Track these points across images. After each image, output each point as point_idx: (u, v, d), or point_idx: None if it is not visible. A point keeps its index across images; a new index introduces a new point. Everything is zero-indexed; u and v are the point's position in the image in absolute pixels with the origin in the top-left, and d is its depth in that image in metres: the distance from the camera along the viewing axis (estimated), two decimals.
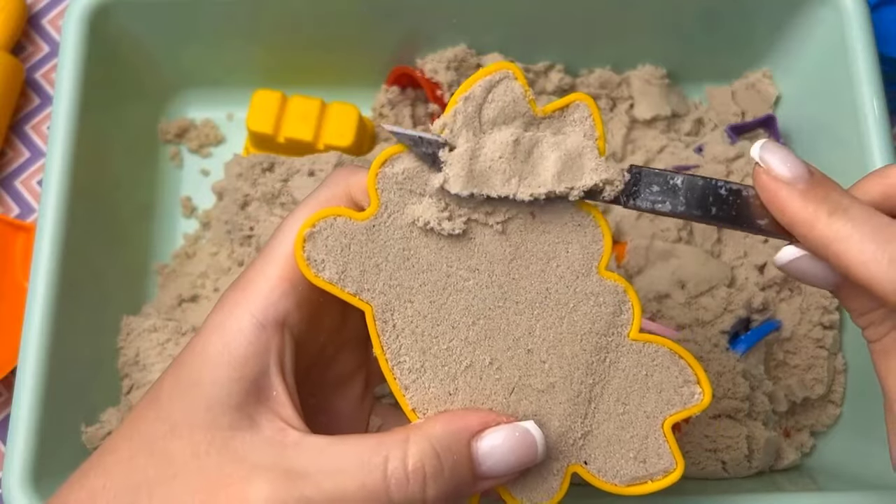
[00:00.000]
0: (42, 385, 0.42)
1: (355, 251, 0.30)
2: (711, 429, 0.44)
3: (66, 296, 0.44)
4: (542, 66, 0.53)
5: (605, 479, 0.32)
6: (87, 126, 0.47)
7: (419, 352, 0.31)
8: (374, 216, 0.30)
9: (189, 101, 0.56)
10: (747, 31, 0.53)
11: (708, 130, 0.55)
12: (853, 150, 0.47)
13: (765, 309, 0.48)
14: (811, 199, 0.28)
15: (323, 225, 0.30)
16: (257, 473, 0.27)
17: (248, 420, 0.29)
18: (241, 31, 0.52)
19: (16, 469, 0.40)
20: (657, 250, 0.49)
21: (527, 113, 0.31)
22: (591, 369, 0.32)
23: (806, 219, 0.28)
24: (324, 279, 0.30)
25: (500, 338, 0.32)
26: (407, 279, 0.31)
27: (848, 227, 0.27)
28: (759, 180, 0.29)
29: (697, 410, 0.32)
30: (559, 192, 0.31)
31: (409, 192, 0.30)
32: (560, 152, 0.31)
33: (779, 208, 0.29)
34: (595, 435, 0.32)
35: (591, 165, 0.31)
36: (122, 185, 0.51)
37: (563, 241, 0.32)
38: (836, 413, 0.48)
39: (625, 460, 0.32)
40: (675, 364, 0.32)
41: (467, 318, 0.31)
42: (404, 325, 0.31)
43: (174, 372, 0.30)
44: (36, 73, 0.58)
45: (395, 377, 0.31)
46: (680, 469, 0.32)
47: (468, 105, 0.30)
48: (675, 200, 0.30)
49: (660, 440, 0.32)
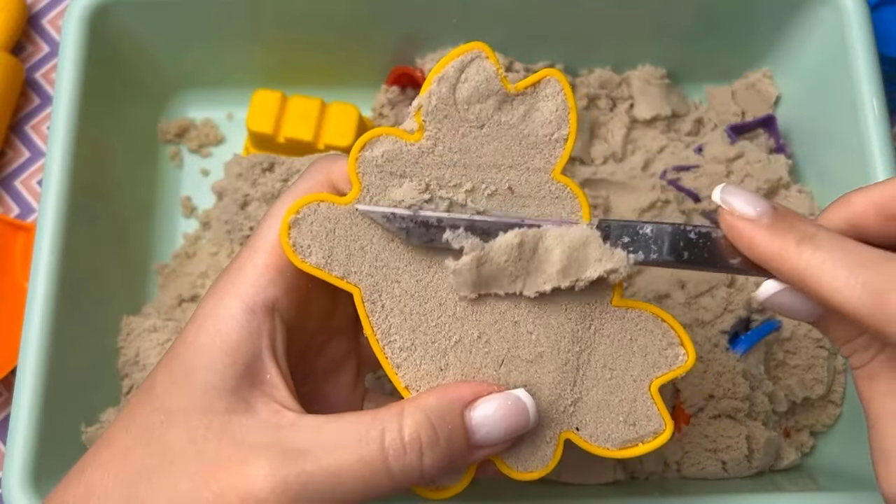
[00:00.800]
0: (42, 385, 0.42)
1: (340, 235, 0.31)
2: (711, 429, 0.44)
3: (66, 296, 0.44)
4: (542, 66, 0.53)
5: (597, 443, 0.33)
6: (87, 126, 0.47)
7: (409, 330, 0.32)
8: (356, 200, 0.31)
9: (189, 101, 0.56)
10: (747, 31, 0.53)
11: (708, 130, 0.54)
12: (853, 150, 0.47)
13: (765, 309, 0.48)
14: (777, 232, 0.28)
15: (307, 211, 0.31)
16: (256, 453, 0.28)
17: (244, 403, 0.29)
18: (241, 32, 0.52)
19: (16, 469, 0.40)
20: None
21: (499, 91, 0.32)
22: (576, 337, 0.33)
23: (775, 252, 0.28)
24: (310, 264, 0.31)
25: (487, 312, 0.32)
26: (392, 260, 0.31)
27: (817, 254, 0.28)
28: (725, 222, 0.30)
29: (682, 371, 0.33)
30: (564, 286, 0.32)
31: (388, 174, 0.31)
32: (564, 245, 0.31)
33: (747, 246, 0.29)
34: (585, 401, 0.33)
35: (595, 255, 0.32)
36: (122, 185, 0.51)
37: (542, 214, 0.32)
38: (836, 413, 0.48)
39: (615, 424, 0.33)
40: (659, 327, 0.33)
41: (453, 294, 0.32)
42: (393, 305, 0.32)
43: (167, 363, 0.30)
44: (36, 73, 0.58)
45: (386, 356, 0.32)
46: (669, 429, 0.33)
47: (442, 86, 0.31)
48: (647, 249, 0.31)
49: (648, 402, 0.33)
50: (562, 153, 0.32)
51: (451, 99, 0.31)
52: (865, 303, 0.26)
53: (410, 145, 0.31)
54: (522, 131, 0.32)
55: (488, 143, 0.32)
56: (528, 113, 0.32)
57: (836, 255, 0.27)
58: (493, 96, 0.32)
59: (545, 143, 0.32)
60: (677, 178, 0.51)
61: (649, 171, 0.52)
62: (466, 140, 0.32)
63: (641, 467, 0.45)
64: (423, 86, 0.31)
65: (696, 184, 0.51)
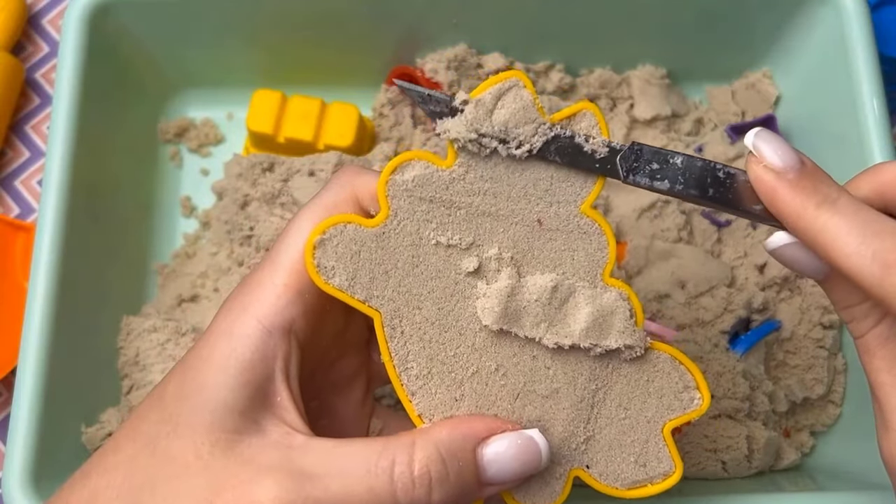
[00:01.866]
0: (42, 385, 0.42)
1: (365, 258, 0.31)
2: (711, 429, 0.44)
3: (66, 296, 0.44)
4: (542, 66, 0.53)
5: (606, 482, 0.33)
6: (87, 126, 0.47)
7: (426, 358, 0.31)
8: (383, 223, 0.31)
9: (189, 100, 0.56)
10: (747, 31, 0.53)
11: (708, 130, 0.55)
12: (853, 149, 0.47)
13: (765, 309, 0.48)
14: (800, 189, 0.28)
15: (333, 232, 0.30)
16: (264, 474, 0.27)
17: (254, 424, 0.29)
18: (242, 31, 0.52)
19: (16, 469, 0.40)
20: (657, 250, 0.49)
21: (536, 120, 0.31)
22: (594, 375, 0.32)
23: (793, 210, 0.28)
24: (334, 286, 0.30)
25: (507, 345, 0.32)
26: (416, 286, 0.31)
27: (835, 219, 0.27)
28: (751, 169, 0.29)
29: (696, 415, 0.33)
30: (583, 346, 0.32)
31: (418, 199, 0.31)
32: (593, 308, 0.32)
33: (768, 198, 0.29)
34: (597, 439, 0.33)
35: (619, 327, 0.32)
36: (121, 184, 0.51)
37: (569, 249, 0.32)
38: (836, 413, 0.48)
39: (626, 464, 0.33)
40: (676, 370, 0.33)
41: (474, 324, 0.31)
42: (412, 332, 0.31)
43: (179, 375, 0.30)
44: (36, 73, 0.58)
45: (402, 383, 0.31)
46: (679, 472, 0.33)
47: (478, 113, 0.30)
48: (674, 178, 0.31)
49: (660, 444, 0.33)
50: (593, 188, 0.32)
51: (488, 121, 0.31)
52: (874, 272, 0.26)
53: (442, 171, 0.31)
54: (554, 163, 0.31)
55: (521, 172, 0.31)
56: None
57: (853, 222, 0.27)
58: (529, 125, 0.31)
59: (577, 176, 0.32)
60: None
61: None
62: (498, 169, 0.31)
63: None
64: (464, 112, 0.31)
65: None
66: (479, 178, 0.31)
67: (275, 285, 0.30)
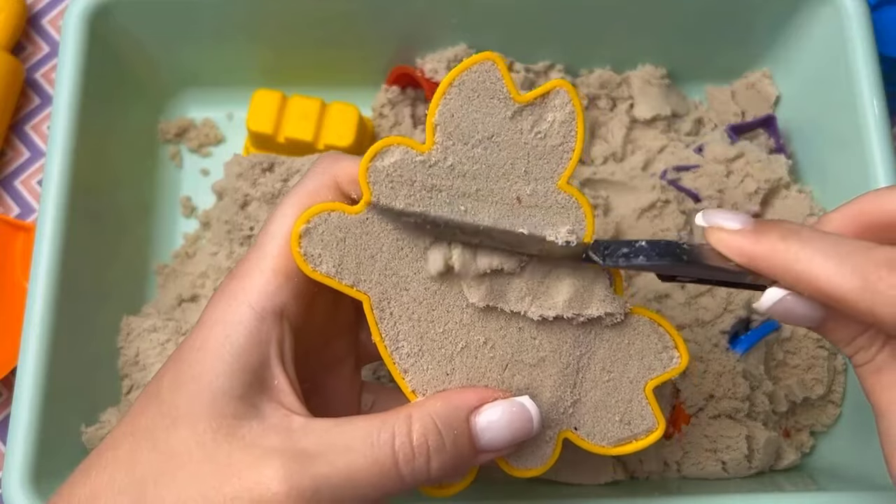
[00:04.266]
0: (42, 385, 0.42)
1: (350, 244, 0.31)
2: (711, 429, 0.44)
3: (66, 296, 0.44)
4: (542, 66, 0.53)
5: (593, 441, 0.34)
6: (87, 126, 0.47)
7: (417, 337, 0.32)
8: (366, 209, 0.31)
9: (189, 100, 0.56)
10: (747, 31, 0.53)
11: (708, 130, 0.54)
12: (853, 150, 0.47)
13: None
14: (762, 233, 0.29)
15: (318, 220, 0.31)
16: (267, 457, 0.28)
17: (253, 409, 0.29)
18: (241, 31, 0.52)
19: (16, 469, 0.40)
20: None
21: (509, 101, 0.32)
22: (578, 341, 0.34)
23: (764, 251, 0.29)
24: (321, 273, 0.31)
25: (493, 318, 0.33)
26: (402, 268, 0.32)
27: (805, 248, 0.28)
28: (713, 237, 0.30)
29: (676, 373, 0.35)
30: (566, 316, 0.33)
31: (399, 183, 0.31)
32: (574, 279, 0.33)
33: (738, 253, 0.30)
34: (583, 402, 0.34)
35: (600, 296, 0.33)
36: (121, 184, 0.51)
37: (549, 224, 0.33)
38: (836, 413, 0.48)
39: (611, 423, 0.34)
40: (655, 332, 0.35)
41: (461, 301, 0.32)
42: (401, 313, 0.32)
43: (174, 366, 0.30)
44: (36, 73, 0.58)
45: (394, 362, 0.32)
46: (661, 427, 0.35)
47: (452, 96, 0.32)
48: (647, 254, 0.32)
49: (643, 402, 0.35)
50: (568, 164, 0.33)
51: (462, 108, 0.32)
52: (856, 287, 0.27)
53: (421, 156, 0.32)
54: (531, 142, 0.32)
55: (497, 154, 0.32)
56: (536, 123, 0.32)
57: (823, 247, 0.28)
58: (503, 107, 0.32)
59: (553, 153, 0.33)
60: (677, 178, 0.51)
61: (649, 171, 0.52)
62: (476, 151, 0.32)
63: (641, 467, 0.45)
64: (434, 97, 0.32)
65: (697, 184, 0.51)
66: (459, 162, 0.32)
67: (263, 271, 0.31)
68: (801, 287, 0.29)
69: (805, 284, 0.28)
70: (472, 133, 0.32)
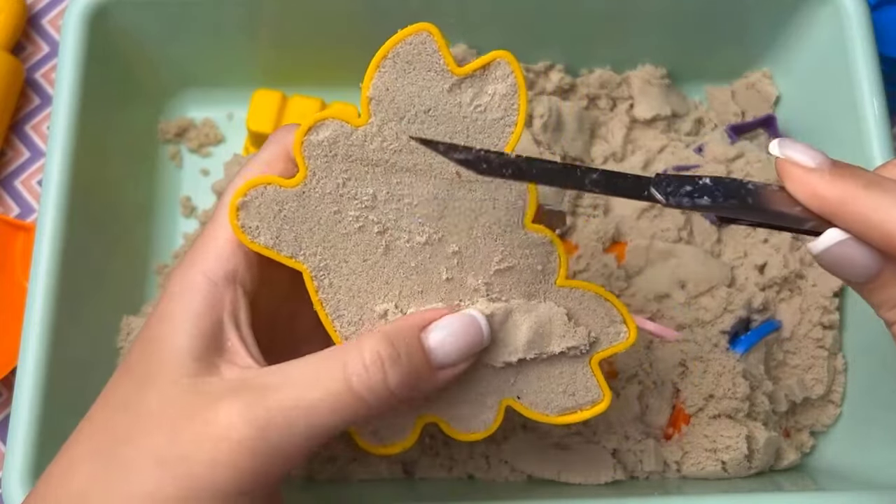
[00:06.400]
0: (42, 385, 0.42)
1: (287, 217, 0.32)
2: (711, 429, 0.44)
3: (66, 296, 0.44)
4: (542, 66, 0.53)
5: (536, 410, 0.35)
6: (87, 126, 0.47)
7: (357, 307, 0.33)
8: (302, 183, 0.32)
9: (189, 100, 0.56)
10: (747, 31, 0.53)
11: (708, 130, 0.54)
12: (853, 150, 0.47)
13: (765, 309, 0.47)
14: (840, 178, 0.28)
15: (254, 193, 0.31)
16: (224, 399, 0.29)
17: (212, 368, 0.30)
18: (241, 31, 0.52)
19: (16, 469, 0.40)
20: (657, 250, 0.49)
21: (446, 73, 0.32)
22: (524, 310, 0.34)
23: (840, 196, 0.28)
24: (260, 244, 0.32)
25: (433, 291, 0.33)
26: (340, 241, 0.32)
27: (885, 196, 0.27)
28: (786, 171, 0.29)
29: (623, 347, 0.35)
30: (529, 358, 0.33)
31: (333, 157, 0.32)
32: (531, 321, 0.33)
33: (810, 193, 0.28)
34: (526, 373, 0.34)
35: (559, 332, 0.33)
36: (121, 184, 0.51)
37: (489, 198, 0.33)
38: (836, 413, 0.48)
39: (555, 394, 0.34)
40: (602, 306, 0.34)
41: (400, 274, 0.33)
42: (340, 284, 0.32)
43: (140, 340, 0.32)
44: (36, 73, 0.58)
45: (336, 331, 0.33)
46: (607, 399, 0.35)
47: (387, 69, 0.32)
48: (711, 194, 0.30)
49: (587, 375, 0.35)
50: (510, 138, 0.32)
51: (397, 82, 0.32)
52: None
53: (356, 130, 0.32)
54: (470, 115, 0.32)
55: (435, 127, 0.32)
56: (476, 96, 0.32)
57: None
58: (441, 80, 0.32)
59: (493, 127, 0.32)
60: None
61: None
62: (413, 125, 0.32)
63: (641, 467, 0.45)
64: (368, 70, 0.32)
65: None
66: (395, 136, 0.32)
67: (216, 240, 0.32)
68: (873, 237, 0.27)
69: (878, 235, 0.27)
70: (408, 107, 0.32)
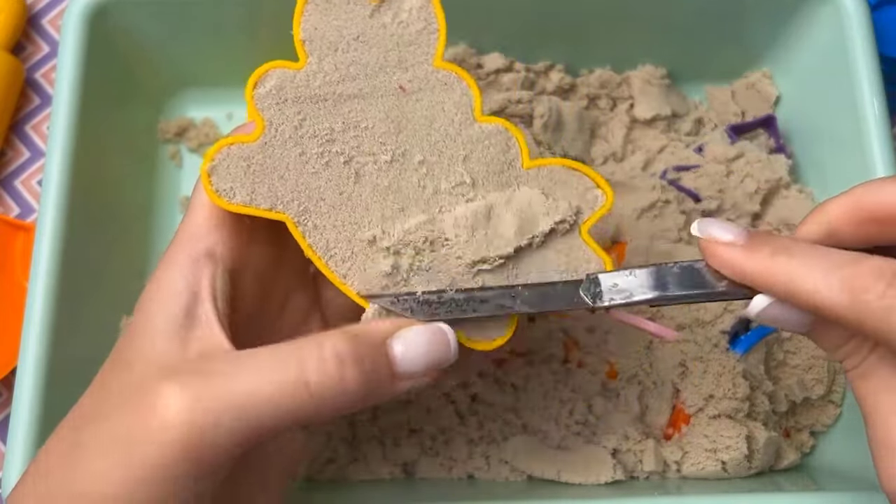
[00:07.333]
0: (42, 385, 0.42)
1: (257, 171, 0.33)
2: (711, 429, 0.44)
3: (66, 296, 0.44)
4: (542, 66, 0.53)
5: None
6: (87, 126, 0.47)
7: (345, 241, 0.33)
8: (262, 135, 0.33)
9: (189, 100, 0.56)
10: (747, 31, 0.53)
11: (708, 130, 0.54)
12: (853, 150, 0.47)
13: None
14: (754, 248, 0.30)
15: (220, 156, 0.32)
16: (170, 382, 0.28)
17: (181, 343, 0.30)
18: (241, 31, 0.52)
19: (16, 469, 0.40)
20: (657, 250, 0.49)
21: (363, 1, 0.34)
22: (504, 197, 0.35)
23: (754, 267, 0.30)
24: (237, 204, 0.32)
25: (412, 205, 0.34)
26: (312, 181, 0.33)
27: (793, 262, 0.29)
28: (706, 248, 0.32)
29: (605, 210, 0.35)
30: (523, 244, 0.34)
31: (284, 102, 0.33)
32: (513, 209, 0.34)
33: (728, 266, 0.31)
34: (525, 262, 0.35)
35: (542, 211, 0.34)
36: (121, 184, 0.51)
37: (437, 103, 0.34)
38: (836, 413, 0.48)
39: (557, 275, 0.35)
40: (573, 176, 0.35)
41: (377, 197, 0.34)
42: (324, 223, 0.33)
43: (129, 326, 0.32)
44: (36, 73, 0.58)
45: (332, 270, 0.33)
46: (608, 264, 0.35)
47: (311, 9, 0.34)
48: (636, 290, 0.32)
49: (583, 247, 0.35)
50: (437, 43, 0.35)
51: (323, 20, 0.34)
52: (843, 301, 0.28)
53: (298, 72, 0.33)
54: (396, 31, 0.34)
55: (368, 51, 0.34)
56: (396, 14, 0.34)
57: (811, 261, 0.29)
58: (361, 8, 0.34)
59: (420, 37, 0.35)
60: (677, 178, 0.51)
61: (649, 171, 0.52)
62: (347, 55, 0.34)
63: (641, 467, 0.45)
64: (294, 17, 0.33)
65: (697, 184, 0.51)
66: (334, 68, 0.34)
67: (196, 220, 0.33)
68: (791, 301, 0.30)
69: (795, 299, 0.29)
70: (338, 39, 0.34)
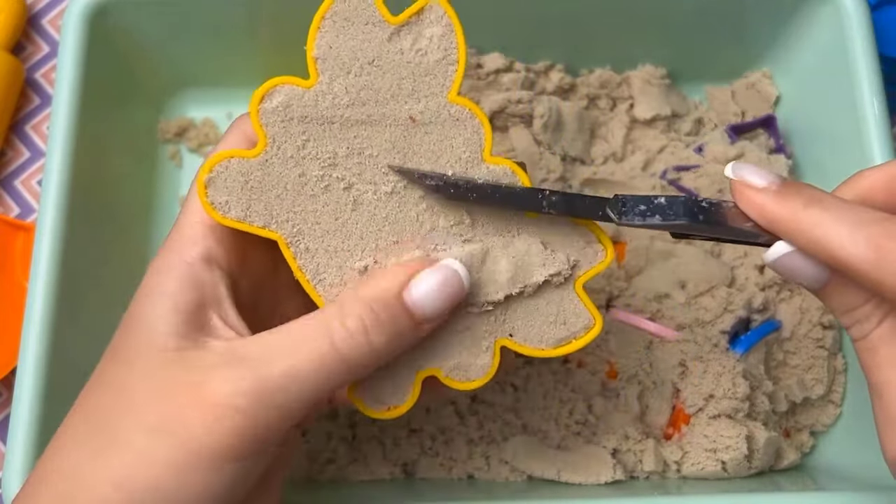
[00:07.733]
0: (42, 385, 0.42)
1: (255, 187, 0.32)
2: (711, 429, 0.44)
3: (66, 296, 0.44)
4: (542, 66, 0.53)
5: (531, 346, 0.34)
6: (87, 126, 0.47)
7: (336, 267, 0.33)
8: (264, 151, 0.32)
9: (188, 100, 0.56)
10: (747, 31, 0.53)
11: (708, 130, 0.54)
12: (853, 150, 0.47)
13: (765, 309, 0.48)
14: (786, 196, 0.30)
15: (219, 169, 0.32)
16: (211, 370, 0.29)
17: (195, 342, 0.31)
18: (241, 31, 0.52)
19: (16, 469, 0.40)
20: (657, 250, 0.49)
21: (383, 24, 0.33)
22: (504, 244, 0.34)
23: (783, 214, 0.30)
24: (231, 218, 0.32)
25: (409, 238, 0.33)
26: (309, 204, 0.33)
27: (824, 214, 0.29)
28: (737, 190, 0.31)
29: (602, 267, 0.35)
30: (514, 293, 0.34)
31: (290, 121, 0.32)
32: (509, 256, 0.34)
33: (758, 211, 0.31)
34: (514, 308, 0.34)
35: (538, 262, 0.34)
36: (121, 184, 0.51)
37: (446, 138, 0.33)
38: (836, 413, 0.48)
39: (546, 325, 0.34)
40: (575, 230, 0.35)
41: (373, 227, 0.33)
42: (316, 246, 0.33)
43: (124, 324, 0.32)
44: (36, 73, 0.58)
45: (319, 294, 0.33)
46: (599, 323, 0.34)
47: (327, 29, 0.33)
48: (664, 214, 0.32)
49: (575, 301, 0.34)
50: (455, 76, 0.33)
51: (339, 39, 0.33)
52: (868, 257, 0.28)
53: (307, 91, 0.33)
54: (413, 60, 0.33)
55: (382, 77, 0.33)
56: (415, 41, 0.33)
57: (842, 214, 0.29)
58: (380, 31, 0.33)
59: (437, 68, 0.33)
60: (677, 178, 0.51)
61: (649, 171, 0.52)
62: (360, 78, 0.33)
63: (641, 467, 0.45)
64: (310, 32, 0.33)
65: (697, 184, 0.51)
66: (345, 91, 0.33)
67: (190, 223, 0.32)
68: (815, 251, 0.29)
69: (818, 250, 0.29)
70: (352, 61, 0.33)
